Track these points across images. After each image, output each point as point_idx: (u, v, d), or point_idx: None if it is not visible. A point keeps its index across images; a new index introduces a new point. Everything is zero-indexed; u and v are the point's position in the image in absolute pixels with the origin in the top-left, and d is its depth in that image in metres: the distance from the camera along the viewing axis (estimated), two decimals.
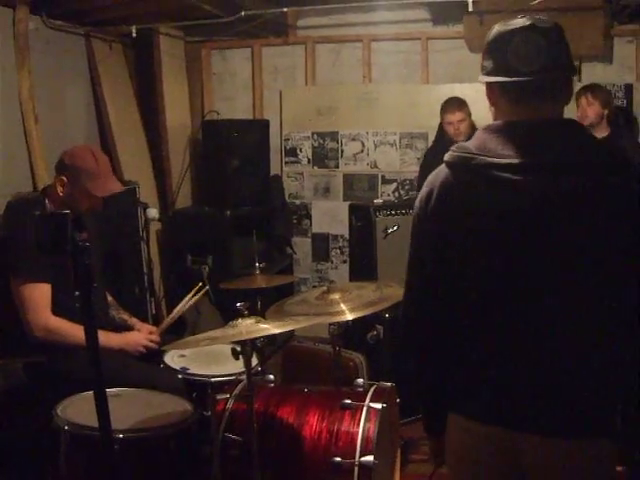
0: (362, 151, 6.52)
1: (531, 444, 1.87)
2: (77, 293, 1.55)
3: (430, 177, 2.00)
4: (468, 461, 2.03)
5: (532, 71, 1.82)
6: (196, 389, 3.30)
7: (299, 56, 6.63)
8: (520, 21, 1.86)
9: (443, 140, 5.64)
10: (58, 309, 3.30)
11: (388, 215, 4.77)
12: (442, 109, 5.57)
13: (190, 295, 3.92)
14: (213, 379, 3.27)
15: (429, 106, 6.22)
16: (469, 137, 1.95)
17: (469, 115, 5.53)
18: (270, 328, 2.68)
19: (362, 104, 6.44)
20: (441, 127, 5.72)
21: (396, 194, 6.40)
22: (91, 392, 2.82)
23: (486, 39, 1.93)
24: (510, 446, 1.91)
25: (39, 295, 3.27)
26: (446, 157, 1.94)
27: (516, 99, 1.87)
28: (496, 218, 1.83)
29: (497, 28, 1.90)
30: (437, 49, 6.27)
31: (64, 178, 3.38)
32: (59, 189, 3.39)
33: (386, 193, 6.45)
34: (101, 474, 2.59)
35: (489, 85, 1.94)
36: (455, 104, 5.52)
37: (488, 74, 1.92)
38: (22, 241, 3.17)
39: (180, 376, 3.33)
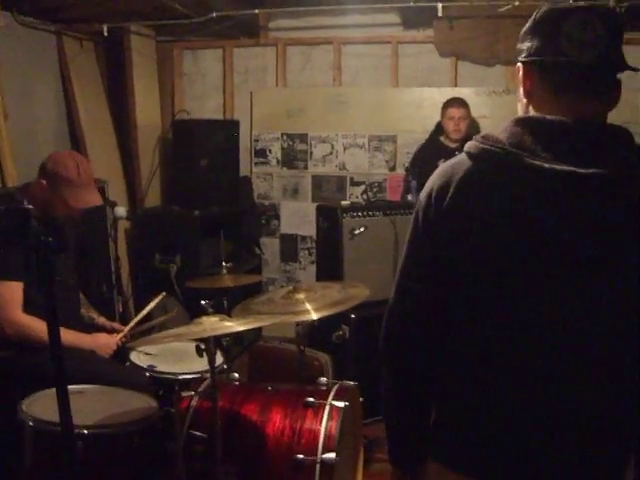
0: (331, 153, 6.56)
1: None
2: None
3: (444, 169, 1.69)
4: None
5: (587, 59, 1.54)
6: (163, 387, 3.32)
7: (270, 58, 6.66)
8: (576, 2, 1.61)
9: (436, 139, 5.75)
10: (30, 307, 3.31)
11: (355, 217, 4.81)
12: (445, 104, 5.64)
13: (153, 302, 3.94)
14: (180, 377, 3.30)
15: (398, 109, 6.30)
16: (464, 140, 1.76)
17: (469, 117, 5.62)
18: (233, 326, 2.71)
19: (332, 106, 6.49)
20: (437, 127, 5.78)
21: (364, 196, 6.45)
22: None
23: (532, 18, 1.64)
24: None
25: (9, 293, 3.27)
26: (469, 148, 1.65)
27: (559, 88, 1.59)
28: (523, 228, 1.55)
29: (549, 6, 1.61)
30: (407, 53, 6.33)
31: (44, 182, 3.37)
32: (38, 192, 3.38)
33: (354, 195, 6.50)
34: (66, 470, 2.61)
35: (527, 69, 1.64)
36: (460, 101, 5.62)
37: (530, 56, 1.62)
38: None
39: (147, 374, 3.35)
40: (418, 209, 1.71)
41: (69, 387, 1.93)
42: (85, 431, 2.64)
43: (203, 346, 2.74)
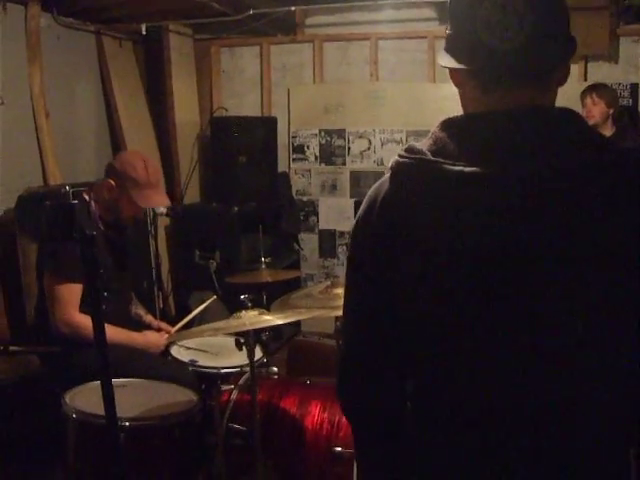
0: (369, 148, 6.56)
1: None
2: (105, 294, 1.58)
3: (371, 190, 1.46)
4: None
5: (511, 47, 1.28)
6: (205, 381, 3.35)
7: (307, 54, 6.68)
8: None
9: None
10: (86, 306, 3.35)
11: None
12: None
13: (202, 305, 3.97)
14: (222, 370, 3.34)
15: (435, 105, 6.27)
16: None
17: None
18: (272, 319, 2.74)
19: (369, 102, 6.48)
20: None
21: None
22: (99, 381, 2.92)
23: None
24: None
25: (69, 294, 3.30)
26: (391, 163, 1.41)
27: (487, 84, 1.35)
28: (456, 245, 1.31)
29: None
30: (443, 48, 6.29)
31: (112, 182, 3.40)
32: (105, 192, 3.42)
33: None
34: (108, 461, 2.66)
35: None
36: None
37: (447, 50, 1.40)
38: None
39: (190, 368, 3.39)
40: (350, 240, 1.51)
41: (113, 380, 1.96)
42: (127, 423, 2.69)
43: (242, 340, 2.77)
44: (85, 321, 3.31)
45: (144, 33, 5.87)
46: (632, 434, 1.38)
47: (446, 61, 1.40)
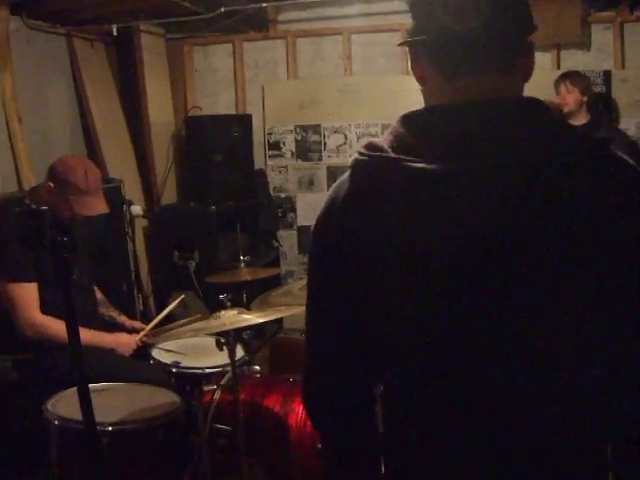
0: (345, 143, 6.56)
1: None
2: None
3: (331, 189, 1.42)
4: None
5: (470, 29, 1.26)
6: (190, 382, 3.34)
7: (280, 50, 6.66)
8: None
9: None
10: (47, 308, 3.34)
11: None
12: None
13: (173, 304, 3.96)
14: (207, 370, 3.32)
15: (410, 97, 6.16)
16: None
17: None
18: (252, 318, 2.73)
19: (344, 96, 6.48)
20: None
21: None
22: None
23: None
24: None
25: (25, 294, 3.31)
26: (351, 160, 1.37)
27: (449, 71, 1.32)
28: (418, 248, 1.27)
29: None
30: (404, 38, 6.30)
31: (52, 185, 3.39)
32: (44, 194, 3.40)
33: None
34: (91, 466, 2.65)
35: (413, 53, 1.39)
36: None
37: (410, 35, 1.36)
38: (5, 241, 3.21)
39: (174, 370, 3.37)
40: (311, 241, 1.47)
41: (93, 385, 1.95)
42: (109, 428, 2.68)
43: (223, 340, 2.77)
44: (48, 321, 3.31)
45: (115, 34, 5.83)
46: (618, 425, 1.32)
47: (404, 41, 1.38)
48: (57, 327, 3.26)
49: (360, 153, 1.35)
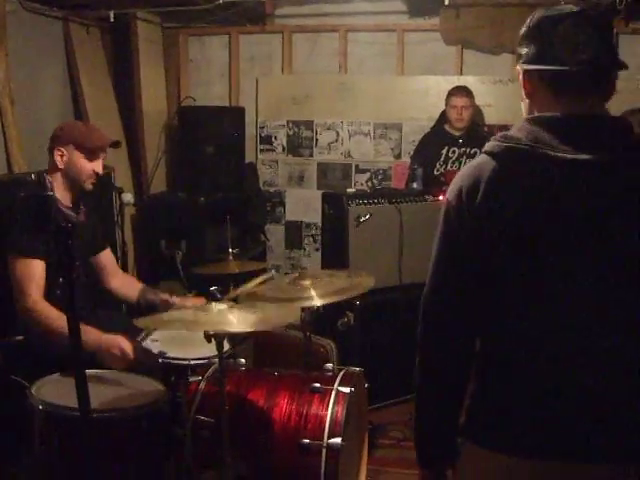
0: (336, 140, 6.58)
1: (598, 475, 1.70)
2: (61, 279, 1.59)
3: (470, 170, 1.79)
4: None
5: (581, 61, 1.66)
6: (175, 373, 3.32)
7: (276, 44, 6.67)
8: (568, 7, 1.71)
9: (441, 128, 5.79)
10: (49, 296, 3.31)
11: (361, 204, 4.82)
12: (449, 93, 5.68)
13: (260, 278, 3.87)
14: (192, 362, 3.31)
15: (404, 97, 6.31)
16: (468, 128, 1.82)
17: (473, 106, 5.64)
18: (242, 321, 2.71)
19: (337, 94, 6.50)
20: (442, 115, 5.81)
21: (369, 184, 6.47)
22: (65, 373, 2.90)
23: (527, 24, 1.77)
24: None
25: (30, 272, 3.26)
26: (492, 148, 1.77)
27: (558, 90, 1.72)
28: (554, 216, 1.67)
29: (542, 12, 1.74)
30: (413, 41, 6.33)
31: (60, 148, 3.47)
32: (58, 162, 3.46)
33: (359, 182, 6.52)
34: (74, 452, 2.65)
35: (527, 74, 1.78)
36: (463, 90, 5.66)
37: (529, 62, 1.75)
38: (15, 218, 3.19)
39: (160, 360, 3.35)
40: (449, 209, 1.81)
41: None
42: (93, 415, 2.66)
43: (212, 332, 2.76)
44: (48, 311, 3.26)
45: (112, 20, 5.82)
46: None
47: (528, 67, 1.77)
48: (54, 315, 3.22)
49: (504, 141, 1.75)
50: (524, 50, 1.77)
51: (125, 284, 3.92)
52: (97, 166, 3.55)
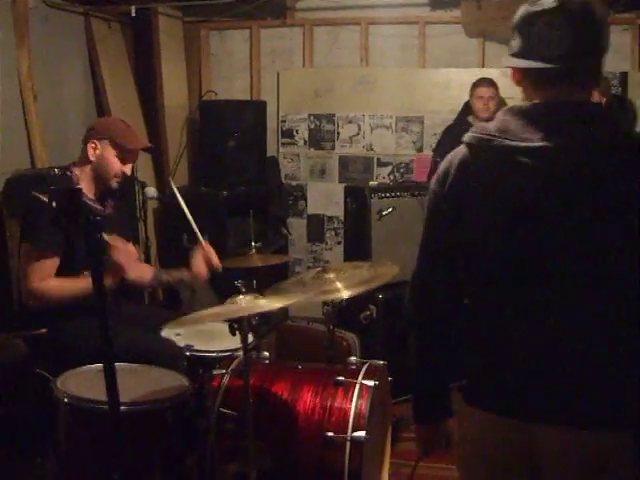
0: (358, 134, 6.56)
1: (547, 435, 1.83)
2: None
3: (448, 157, 1.99)
4: (484, 451, 1.98)
5: (555, 57, 1.76)
6: (202, 366, 3.32)
7: (297, 38, 6.66)
8: (547, 1, 1.78)
9: (464, 119, 5.74)
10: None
11: (383, 197, 4.82)
12: (475, 84, 5.63)
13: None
14: (220, 354, 3.33)
15: (425, 90, 6.28)
16: (489, 119, 1.92)
17: (498, 97, 5.61)
18: (271, 304, 2.73)
19: (359, 87, 6.47)
20: (465, 107, 5.77)
21: (391, 177, 6.45)
22: (90, 365, 2.92)
23: (515, 16, 1.88)
24: (526, 438, 1.86)
25: (40, 265, 3.27)
26: (465, 137, 1.93)
27: (537, 83, 1.85)
28: (513, 201, 1.81)
29: (525, 7, 1.84)
30: (434, 34, 6.31)
31: (95, 142, 3.48)
32: (90, 154, 3.47)
33: (381, 176, 6.49)
34: (100, 445, 2.66)
35: (513, 65, 1.90)
36: (489, 81, 5.61)
37: (514, 55, 1.88)
38: (39, 210, 3.19)
39: (188, 353, 3.37)
40: (429, 193, 2.03)
41: (100, 365, 1.94)
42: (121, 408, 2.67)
43: (236, 325, 2.76)
44: (48, 284, 3.27)
45: (133, 15, 5.83)
46: None
47: (510, 62, 1.89)
48: (59, 286, 3.26)
49: (474, 132, 1.90)
50: (512, 42, 1.89)
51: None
52: (127, 169, 3.57)
